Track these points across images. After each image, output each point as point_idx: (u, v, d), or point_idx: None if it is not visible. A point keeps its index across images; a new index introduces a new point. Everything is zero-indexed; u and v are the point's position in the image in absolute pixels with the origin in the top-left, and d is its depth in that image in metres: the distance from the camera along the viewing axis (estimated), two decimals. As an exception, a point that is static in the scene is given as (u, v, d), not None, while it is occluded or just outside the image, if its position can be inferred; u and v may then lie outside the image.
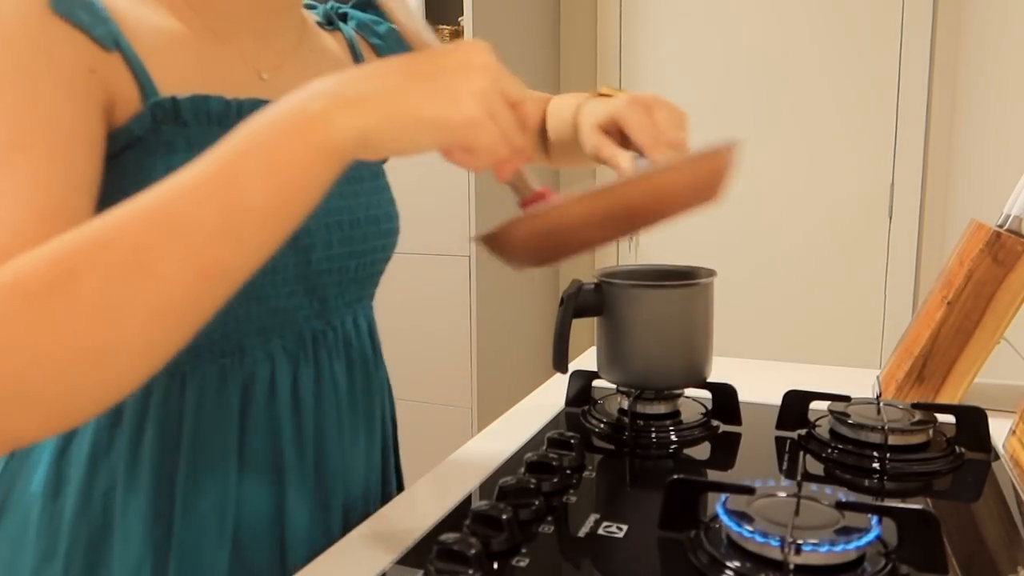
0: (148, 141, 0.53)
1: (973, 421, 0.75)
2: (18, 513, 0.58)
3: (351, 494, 0.68)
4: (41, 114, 0.46)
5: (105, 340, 0.38)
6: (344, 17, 0.74)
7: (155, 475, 0.58)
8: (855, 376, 1.01)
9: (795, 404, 0.80)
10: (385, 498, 0.74)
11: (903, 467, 0.70)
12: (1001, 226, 0.83)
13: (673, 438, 0.78)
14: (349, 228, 0.64)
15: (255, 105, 0.57)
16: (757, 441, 0.79)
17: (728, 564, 0.53)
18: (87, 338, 0.38)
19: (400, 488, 0.79)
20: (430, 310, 2.10)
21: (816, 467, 0.71)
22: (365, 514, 0.67)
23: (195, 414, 0.58)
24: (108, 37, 0.51)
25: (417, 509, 0.65)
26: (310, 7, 0.72)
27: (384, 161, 0.73)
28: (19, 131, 0.45)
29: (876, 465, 0.70)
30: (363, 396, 0.70)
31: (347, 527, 0.66)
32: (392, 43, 0.75)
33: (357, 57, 0.72)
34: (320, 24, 0.71)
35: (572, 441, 0.70)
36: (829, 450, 0.73)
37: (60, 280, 0.38)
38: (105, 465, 0.57)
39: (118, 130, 0.52)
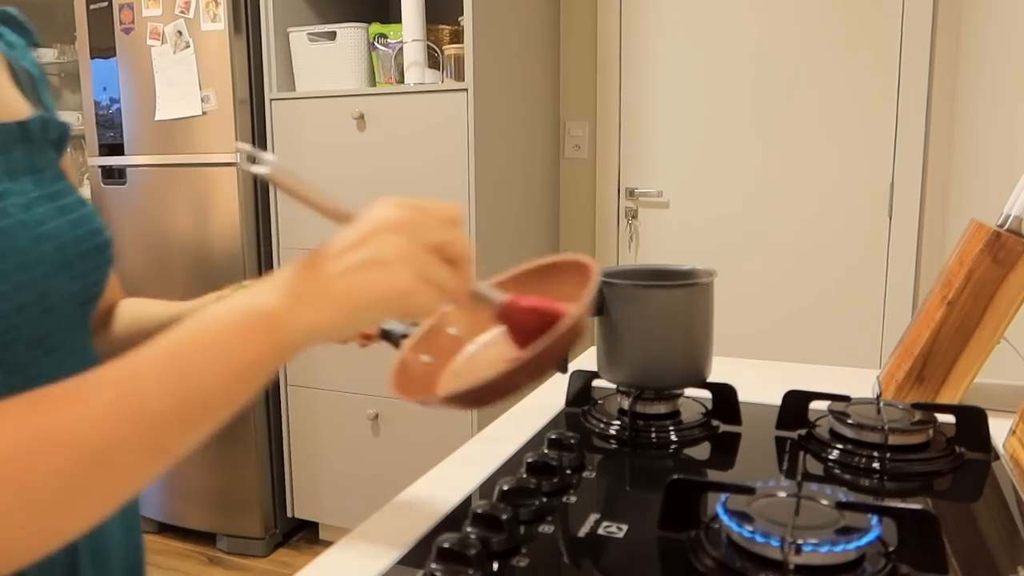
0: None
1: (973, 421, 0.75)
2: None
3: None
4: None
5: (56, 527, 0.38)
6: None
7: None
8: (855, 376, 1.01)
9: (795, 404, 0.80)
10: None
11: (903, 467, 0.70)
12: (1001, 226, 0.83)
13: (673, 438, 0.78)
14: (96, 254, 0.61)
15: None
16: (757, 441, 0.79)
17: (728, 564, 0.53)
18: (36, 525, 0.37)
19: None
20: (430, 310, 2.09)
21: (816, 467, 0.71)
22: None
23: None
24: None
25: (417, 509, 0.65)
26: None
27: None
28: None
29: (876, 465, 0.70)
30: None
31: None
32: (34, 69, 0.67)
33: (16, 74, 0.64)
34: None
35: (572, 441, 0.70)
36: (829, 450, 0.73)
37: (13, 476, 0.36)
38: None
39: None
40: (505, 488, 0.61)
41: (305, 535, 2.37)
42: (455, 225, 0.47)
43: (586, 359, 1.10)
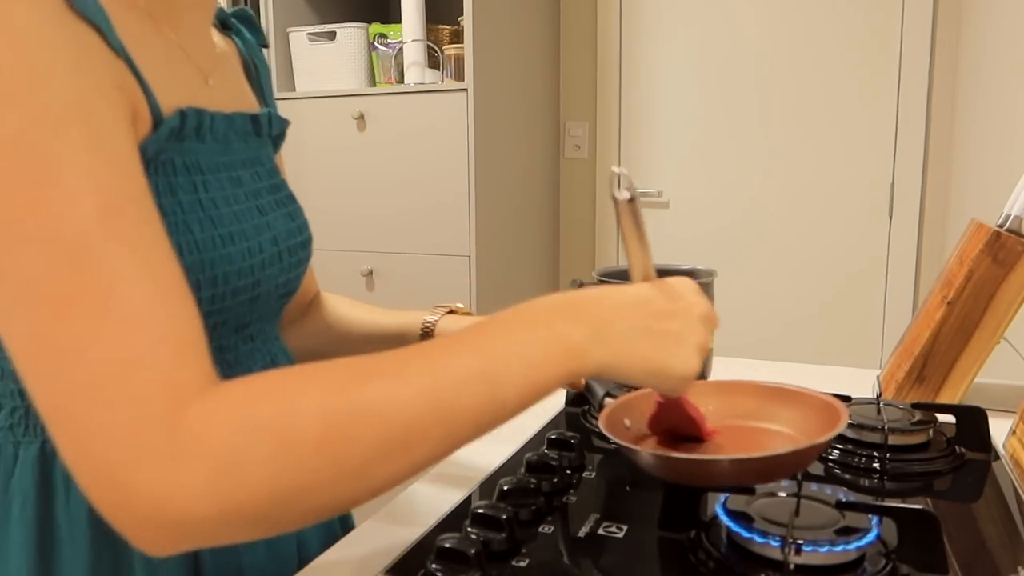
0: (152, 162, 0.49)
1: (973, 421, 0.74)
2: None
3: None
4: (116, 157, 0.40)
5: (350, 498, 0.40)
6: (232, 27, 0.69)
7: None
8: (855, 376, 1.01)
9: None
10: (346, 523, 0.71)
11: (903, 467, 0.70)
12: (1001, 226, 0.83)
13: (673, 438, 0.78)
14: (300, 249, 0.63)
15: (223, 120, 0.55)
16: (757, 441, 0.78)
17: (728, 564, 0.52)
18: (337, 495, 0.39)
19: (347, 527, 0.73)
20: (430, 310, 2.10)
21: (816, 467, 0.71)
22: (320, 540, 0.66)
23: None
24: (116, 41, 0.45)
25: (417, 509, 0.65)
26: None
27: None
28: (103, 183, 0.39)
29: (876, 465, 0.70)
30: None
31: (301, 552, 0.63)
32: (263, 68, 0.69)
33: (249, 69, 0.67)
34: (216, 27, 0.66)
35: (572, 441, 0.70)
36: (829, 450, 0.73)
37: (332, 442, 0.38)
38: (109, 536, 0.51)
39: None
40: (505, 488, 0.61)
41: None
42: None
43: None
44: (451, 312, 0.72)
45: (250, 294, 0.56)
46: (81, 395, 0.36)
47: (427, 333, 0.70)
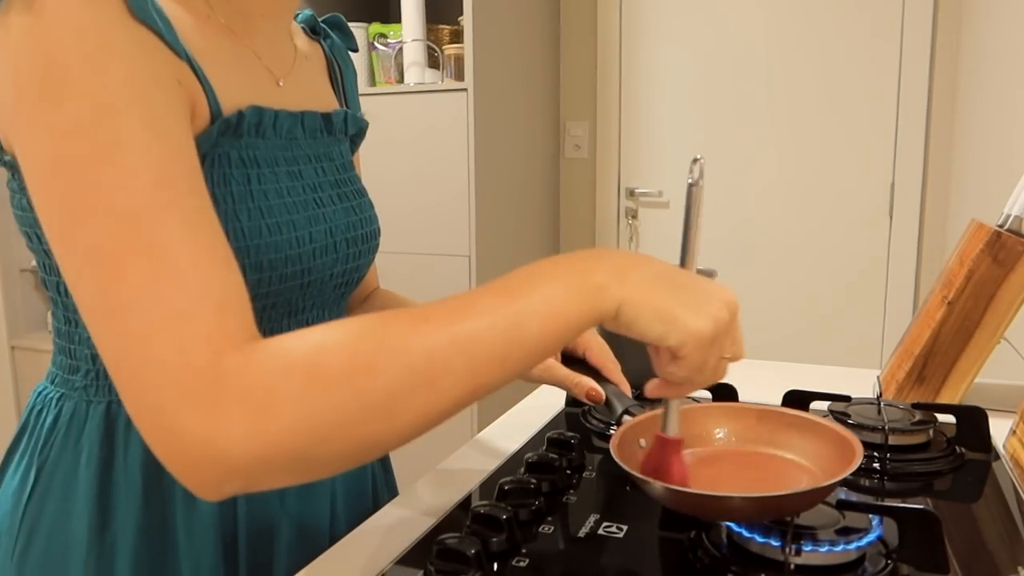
0: (205, 155, 0.52)
1: (974, 421, 0.74)
2: (53, 559, 0.55)
3: (347, 492, 0.68)
4: (170, 138, 0.44)
5: (381, 436, 0.42)
6: (321, 32, 0.73)
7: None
8: (855, 376, 1.01)
9: (795, 404, 0.80)
10: (377, 503, 0.73)
11: (904, 467, 0.70)
12: (1001, 226, 0.83)
13: (673, 438, 0.78)
14: (362, 242, 0.66)
15: (288, 117, 0.59)
16: (757, 441, 0.78)
17: (729, 564, 0.52)
18: (367, 431, 0.42)
19: (393, 493, 0.78)
20: (430, 310, 2.09)
21: (816, 467, 0.71)
22: (357, 517, 0.67)
23: None
24: (179, 45, 0.49)
25: (417, 509, 0.65)
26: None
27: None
28: (157, 161, 0.43)
29: (877, 465, 0.70)
30: None
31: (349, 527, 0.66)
32: (347, 70, 0.74)
33: (332, 72, 0.71)
34: (305, 31, 0.71)
35: (572, 441, 0.70)
36: (829, 450, 0.73)
37: (358, 374, 0.41)
38: (158, 488, 0.56)
39: None
40: (505, 488, 0.61)
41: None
42: (733, 360, 0.52)
43: (586, 359, 1.10)
44: None
45: (300, 280, 0.59)
46: (135, 347, 0.40)
47: None
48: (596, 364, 0.69)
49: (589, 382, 0.67)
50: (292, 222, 0.57)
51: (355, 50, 0.76)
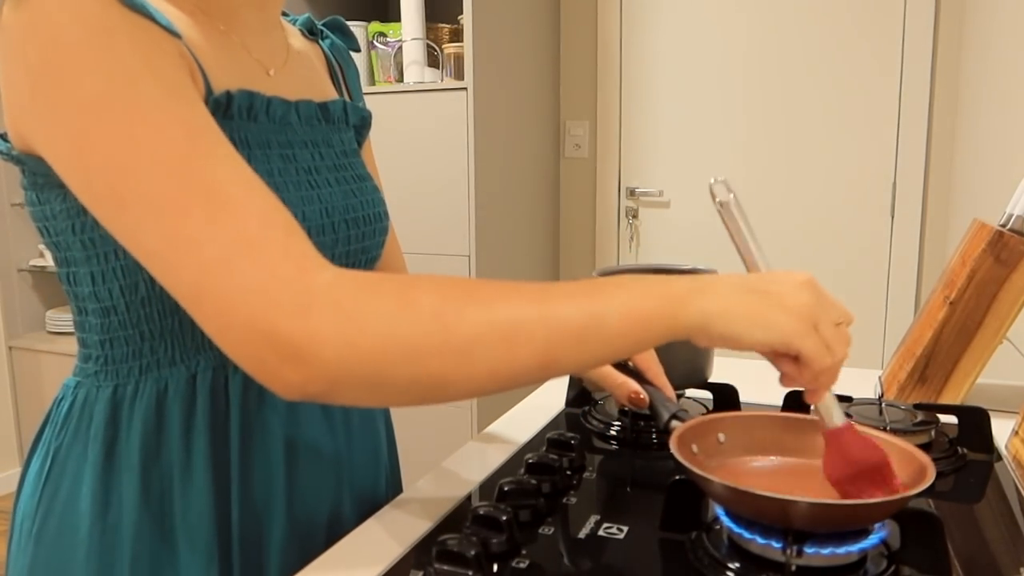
0: None
1: (975, 422, 0.74)
2: (64, 537, 0.58)
3: (358, 495, 0.68)
4: (187, 97, 0.47)
5: (452, 374, 0.46)
6: (319, 33, 0.76)
7: (210, 470, 0.58)
8: (857, 376, 1.01)
9: (797, 404, 0.80)
10: (383, 500, 0.73)
11: (905, 468, 0.70)
12: (1004, 226, 0.83)
13: (674, 439, 0.78)
14: (364, 224, 0.67)
15: (281, 104, 0.61)
16: (758, 442, 0.78)
17: (729, 566, 0.52)
18: (443, 367, 0.45)
19: (397, 490, 0.78)
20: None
21: (818, 468, 0.71)
22: (367, 512, 0.68)
23: (240, 405, 0.59)
24: (172, 26, 0.51)
25: (417, 510, 0.65)
26: (284, 15, 0.74)
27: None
28: (185, 121, 0.46)
29: (878, 466, 0.70)
30: None
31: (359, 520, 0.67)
32: (351, 71, 0.76)
33: (332, 71, 0.74)
34: (303, 32, 0.74)
35: (572, 442, 0.70)
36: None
37: (446, 314, 0.45)
38: (156, 470, 0.58)
39: None
40: (505, 489, 0.61)
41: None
42: (847, 324, 0.54)
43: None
44: None
45: None
46: (216, 270, 0.44)
47: None
48: (641, 367, 0.69)
49: (633, 385, 0.68)
50: (283, 200, 0.58)
51: (357, 50, 0.78)
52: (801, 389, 0.55)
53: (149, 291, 0.55)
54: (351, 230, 0.65)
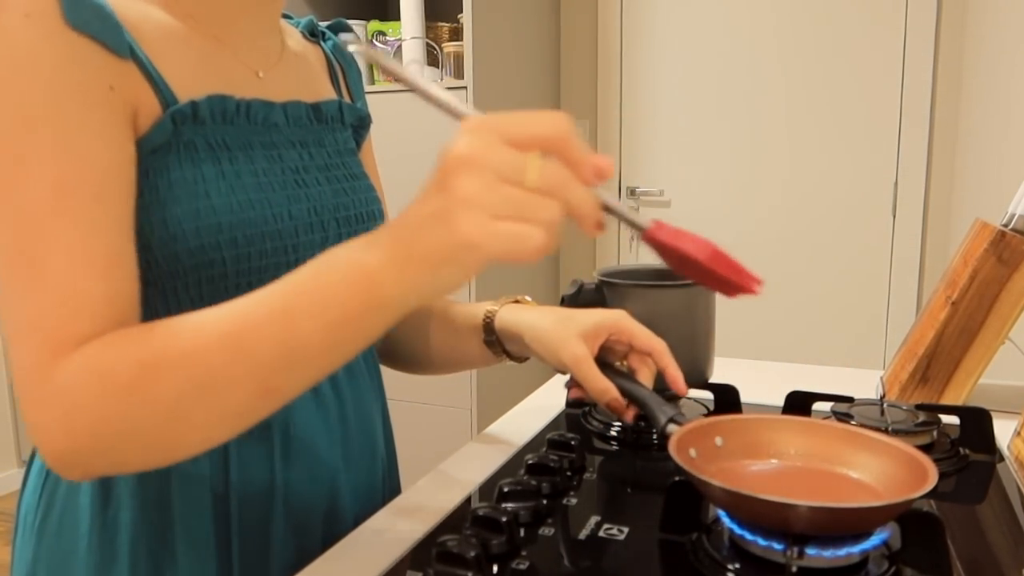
0: (170, 144, 0.55)
1: (977, 422, 0.74)
2: (65, 530, 0.58)
3: (355, 491, 0.68)
4: (78, 151, 0.48)
5: (177, 440, 0.46)
6: (322, 35, 0.77)
7: (207, 466, 0.58)
8: (858, 377, 1.01)
9: (798, 405, 0.80)
10: (383, 501, 0.73)
11: (907, 469, 0.69)
12: (1006, 225, 0.83)
13: (674, 439, 0.78)
14: (356, 223, 0.67)
15: (263, 106, 0.61)
16: (759, 442, 0.78)
17: (730, 567, 0.52)
18: (163, 435, 0.46)
19: (396, 492, 0.78)
20: (431, 309, 2.09)
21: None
22: (364, 514, 0.67)
23: None
24: (123, 45, 0.52)
25: (416, 511, 0.64)
26: (286, 17, 0.74)
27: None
28: (61, 173, 0.47)
29: (879, 467, 0.69)
30: (352, 397, 0.69)
31: (355, 524, 0.66)
32: (353, 72, 0.77)
33: (333, 72, 0.74)
34: (304, 35, 0.74)
35: (573, 443, 0.70)
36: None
37: (142, 382, 0.45)
38: None
39: (141, 139, 0.53)
40: (505, 489, 0.61)
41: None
42: (551, 140, 0.41)
43: (587, 359, 1.09)
44: (515, 302, 0.73)
45: (285, 258, 0.60)
46: (9, 347, 0.46)
47: (488, 322, 0.72)
48: (633, 366, 0.68)
49: (613, 393, 0.64)
50: (267, 199, 0.59)
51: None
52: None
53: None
54: (342, 228, 0.65)
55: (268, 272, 0.59)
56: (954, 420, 0.75)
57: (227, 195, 0.56)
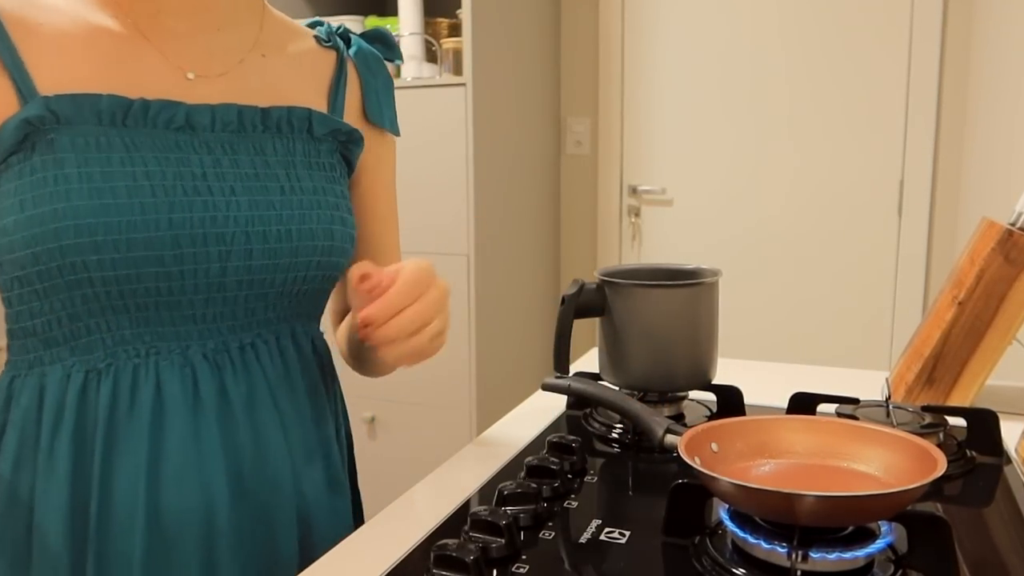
0: (30, 143, 0.55)
1: (984, 424, 0.73)
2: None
3: (303, 511, 0.66)
4: None
5: None
6: (348, 40, 0.74)
7: (71, 467, 0.58)
8: (864, 378, 1.00)
9: (802, 406, 0.79)
10: (341, 527, 0.70)
11: (913, 471, 0.69)
12: (1013, 224, 0.82)
13: (677, 440, 0.77)
14: (275, 240, 0.62)
15: (167, 106, 0.59)
16: (763, 443, 0.77)
17: (734, 571, 0.51)
18: None
19: (358, 520, 0.76)
20: (431, 308, 2.08)
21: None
22: (320, 537, 0.67)
23: (109, 410, 0.59)
24: None
25: (415, 514, 0.64)
26: (317, 24, 0.74)
27: (347, 174, 0.71)
28: None
29: (885, 469, 0.69)
30: (311, 415, 0.68)
31: (302, 543, 0.66)
32: (379, 82, 0.74)
33: (340, 79, 0.71)
34: (318, 40, 0.72)
35: (573, 445, 0.69)
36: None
37: None
38: (30, 458, 0.59)
39: None
40: (505, 492, 0.60)
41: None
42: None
43: (588, 361, 1.08)
44: None
45: (162, 269, 0.58)
46: None
47: None
48: (357, 303, 0.59)
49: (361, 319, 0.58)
50: (140, 204, 0.56)
51: (391, 60, 0.77)
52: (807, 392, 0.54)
53: (11, 296, 0.59)
54: (253, 244, 0.60)
55: (142, 282, 0.58)
56: (961, 422, 0.75)
57: (91, 197, 0.55)
